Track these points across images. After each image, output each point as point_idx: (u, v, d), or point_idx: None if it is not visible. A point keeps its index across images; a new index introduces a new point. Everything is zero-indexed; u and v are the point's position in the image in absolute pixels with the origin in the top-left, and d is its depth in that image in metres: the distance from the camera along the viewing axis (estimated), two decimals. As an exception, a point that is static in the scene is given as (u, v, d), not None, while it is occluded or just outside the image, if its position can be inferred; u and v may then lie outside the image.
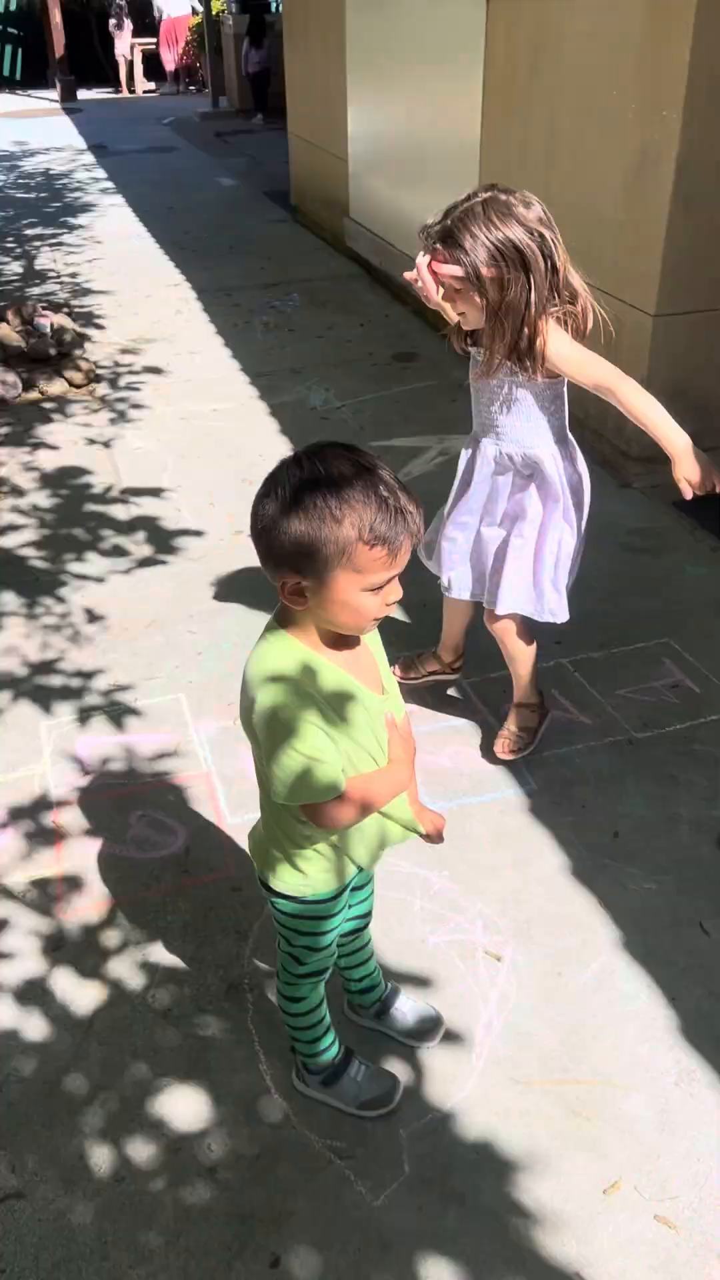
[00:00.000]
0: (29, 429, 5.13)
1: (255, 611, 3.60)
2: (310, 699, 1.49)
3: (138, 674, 3.33)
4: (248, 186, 10.41)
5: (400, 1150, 1.94)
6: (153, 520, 4.26)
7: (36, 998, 2.27)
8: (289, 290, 7.11)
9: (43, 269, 7.78)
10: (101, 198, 10.10)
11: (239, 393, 5.50)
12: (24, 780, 2.90)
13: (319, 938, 1.79)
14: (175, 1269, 1.77)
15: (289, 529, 1.40)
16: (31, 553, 4.03)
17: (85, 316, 6.66)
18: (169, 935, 2.41)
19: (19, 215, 9.47)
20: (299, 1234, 1.82)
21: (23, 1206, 1.88)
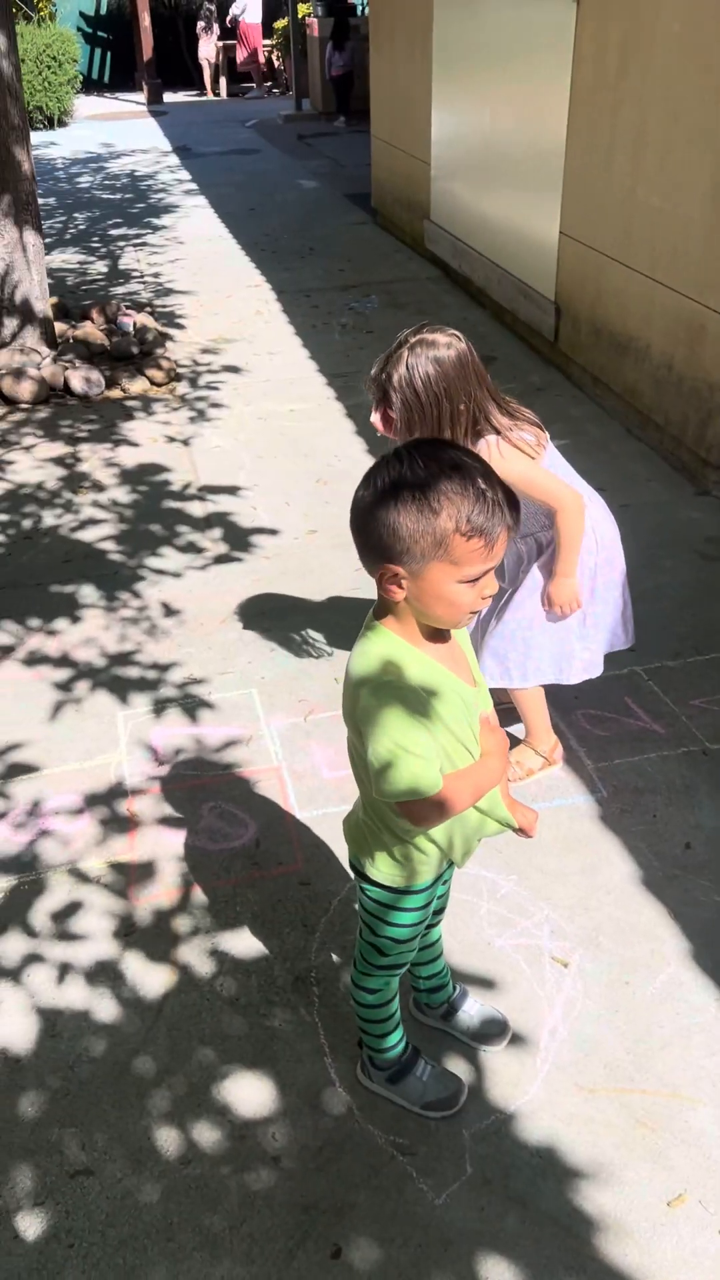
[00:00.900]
0: (111, 426, 5.23)
1: (327, 610, 3.63)
2: (410, 694, 1.51)
3: (212, 668, 3.38)
4: (329, 188, 10.47)
5: (463, 1150, 1.94)
6: (229, 518, 4.31)
7: (108, 980, 2.32)
8: (368, 292, 7.15)
9: (127, 269, 7.92)
10: (185, 199, 10.24)
11: (316, 393, 5.54)
12: (100, 768, 2.96)
13: (405, 929, 1.81)
14: (238, 1254, 1.80)
15: (387, 521, 1.43)
16: (111, 547, 4.11)
17: (167, 316, 6.76)
18: (238, 925, 2.45)
19: (105, 216, 9.64)
20: (360, 1227, 1.83)
21: (91, 1183, 1.92)
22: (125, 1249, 1.82)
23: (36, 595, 3.81)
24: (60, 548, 4.12)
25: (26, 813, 2.80)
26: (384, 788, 1.53)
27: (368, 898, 1.80)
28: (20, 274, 5.58)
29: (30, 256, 5.59)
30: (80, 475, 4.71)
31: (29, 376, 5.45)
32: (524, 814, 1.77)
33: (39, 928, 2.46)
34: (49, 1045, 2.18)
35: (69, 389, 5.55)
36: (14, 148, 5.34)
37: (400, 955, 1.86)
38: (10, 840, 2.72)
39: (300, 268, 7.76)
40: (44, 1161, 1.96)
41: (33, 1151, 1.98)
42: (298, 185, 10.69)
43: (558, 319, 5.57)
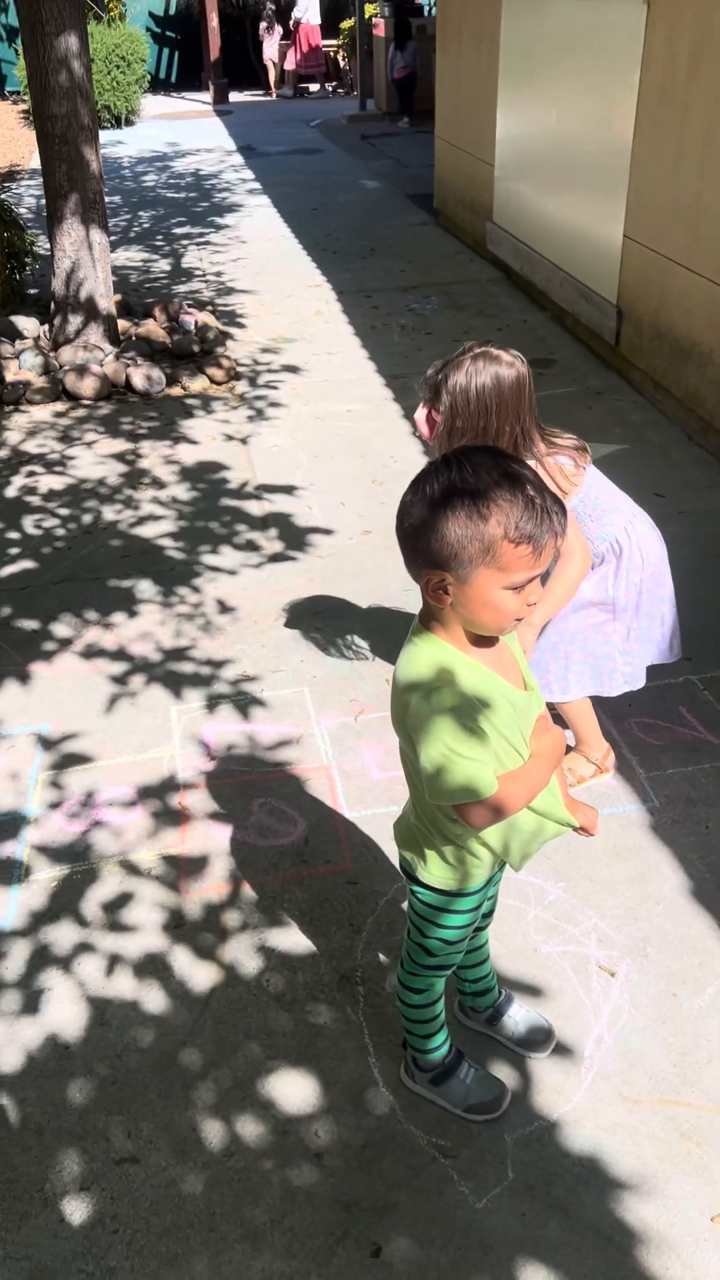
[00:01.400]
0: (171, 423, 5.29)
1: (380, 610, 3.64)
2: (459, 700, 1.51)
3: (264, 666, 3.41)
4: (391, 189, 10.48)
5: (505, 1155, 1.94)
6: (285, 517, 4.34)
7: (157, 972, 2.36)
8: (428, 293, 7.14)
9: (189, 267, 7.99)
10: (248, 198, 10.31)
11: (374, 394, 5.55)
12: (153, 761, 3.00)
13: (454, 931, 1.81)
14: (279, 1247, 1.82)
15: (435, 526, 1.43)
16: (169, 543, 4.16)
17: (228, 315, 6.82)
18: (285, 922, 2.47)
19: (169, 214, 9.74)
20: (401, 1227, 1.84)
21: (136, 1171, 1.95)
22: (168, 1237, 1.84)
23: (95, 589, 3.86)
24: (119, 543, 4.18)
25: (81, 803, 2.85)
26: (437, 792, 1.54)
27: (418, 900, 1.80)
28: (86, 271, 5.67)
29: (96, 254, 5.67)
30: (140, 472, 4.77)
31: (92, 373, 5.53)
32: (584, 813, 1.76)
33: (90, 917, 2.50)
34: (98, 1033, 2.22)
35: (130, 386, 5.62)
36: (83, 147, 5.42)
37: (448, 957, 1.87)
38: (64, 830, 2.76)
39: (361, 268, 7.78)
40: (91, 1148, 1.99)
41: (80, 1137, 2.01)
42: (360, 185, 10.71)
43: (619, 323, 5.53)
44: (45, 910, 2.52)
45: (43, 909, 2.53)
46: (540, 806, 1.67)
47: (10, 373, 5.63)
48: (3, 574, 3.98)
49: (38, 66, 5.24)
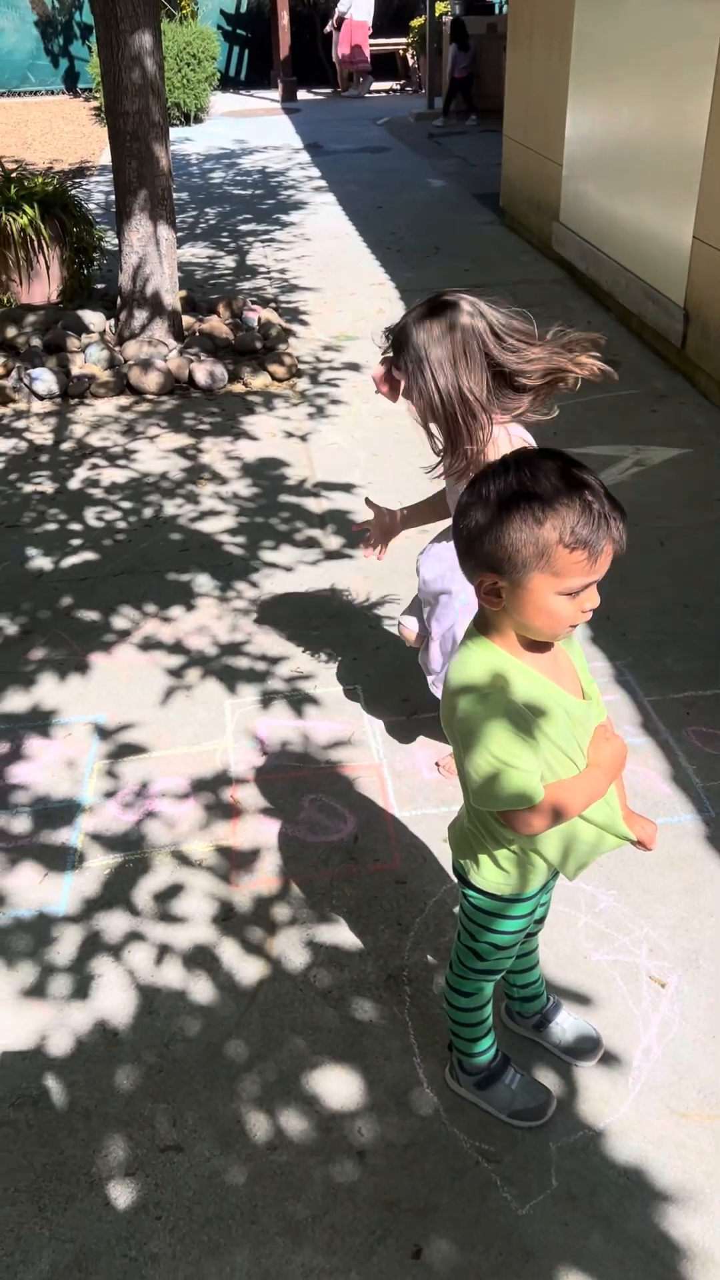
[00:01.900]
0: (232, 419, 5.33)
1: (437, 611, 3.63)
2: (509, 706, 1.50)
3: (319, 663, 3.42)
4: (457, 188, 10.44)
5: (549, 1163, 1.93)
6: (342, 514, 4.35)
7: (205, 963, 2.37)
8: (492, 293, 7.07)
9: (254, 264, 8.04)
10: (314, 196, 10.34)
11: (435, 393, 5.53)
12: (207, 754, 3.03)
13: (505, 936, 1.80)
14: (320, 1243, 1.82)
15: (490, 529, 1.42)
16: (228, 539, 4.19)
17: (291, 312, 6.85)
18: (333, 919, 2.47)
19: (235, 211, 9.80)
20: (442, 1229, 1.83)
21: (181, 1159, 1.97)
22: (210, 1227, 1.86)
23: (154, 582, 3.90)
24: (179, 537, 4.22)
25: (135, 793, 2.88)
26: (483, 798, 1.53)
27: (469, 903, 1.79)
28: (152, 267, 5.73)
29: (163, 250, 5.72)
30: (200, 467, 4.81)
31: (156, 368, 5.58)
32: (642, 826, 1.74)
33: (141, 906, 2.53)
34: (146, 1022, 2.24)
35: (193, 381, 5.66)
36: (154, 144, 5.47)
37: (498, 962, 1.86)
38: (118, 819, 2.80)
39: (425, 267, 7.76)
40: (136, 1134, 2.02)
41: (126, 1123, 2.04)
42: (426, 184, 10.68)
43: (686, 325, 5.45)
44: (98, 897, 2.56)
45: (95, 896, 2.56)
46: (599, 819, 1.65)
47: (76, 366, 5.70)
48: (64, 565, 4.04)
49: (111, 63, 5.30)
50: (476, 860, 1.73)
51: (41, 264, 6.62)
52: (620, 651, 3.36)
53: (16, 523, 4.37)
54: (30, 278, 6.67)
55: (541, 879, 1.74)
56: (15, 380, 5.61)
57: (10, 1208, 1.90)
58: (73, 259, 6.81)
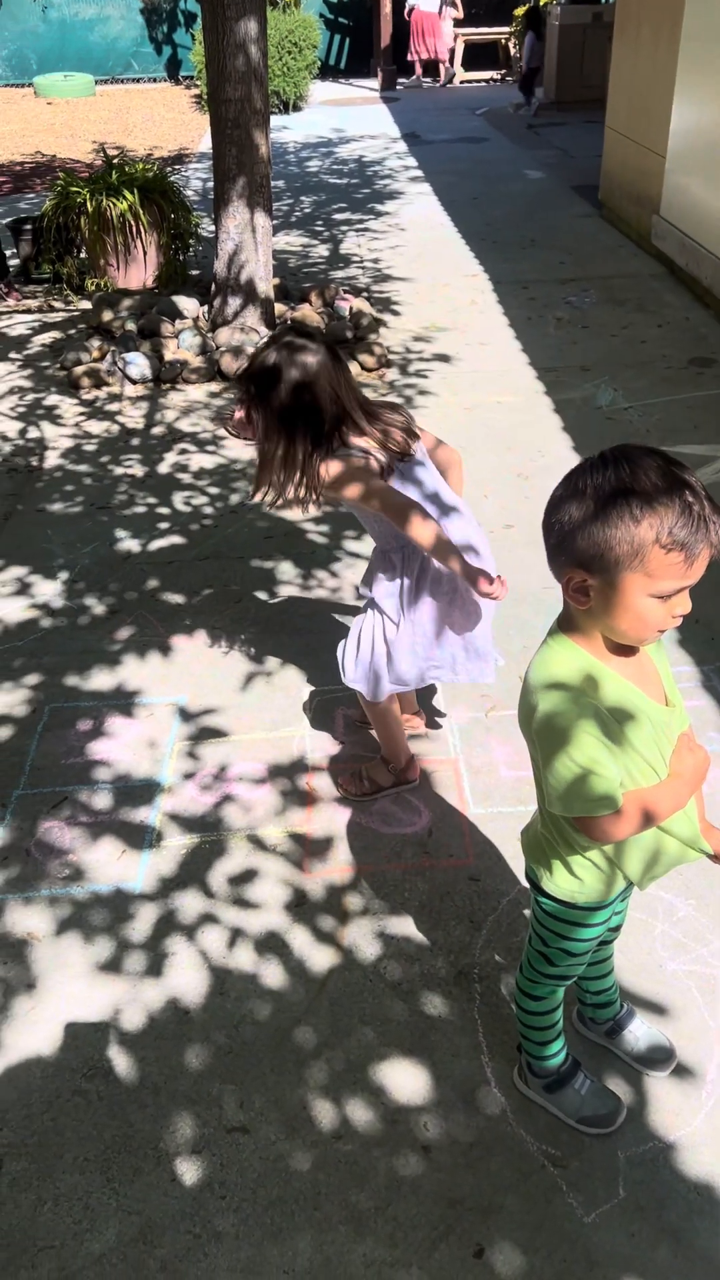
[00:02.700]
0: (320, 407, 5.33)
1: (518, 606, 3.59)
2: (591, 709, 1.46)
3: (398, 654, 3.40)
4: (555, 179, 10.29)
5: (617, 1172, 1.90)
6: (428, 506, 4.32)
7: (276, 948, 2.39)
8: (586, 286, 7.00)
9: (347, 253, 8.03)
10: (409, 186, 10.29)
11: (524, 386, 5.47)
12: (284, 740, 3.04)
13: (578, 944, 1.78)
14: (382, 1235, 1.82)
15: (583, 524, 1.37)
16: (311, 527, 4.20)
17: (383, 302, 6.83)
18: (404, 912, 2.47)
19: (330, 200, 9.81)
20: (506, 1231, 1.82)
21: (246, 1141, 1.99)
22: (274, 1210, 1.87)
23: (238, 567, 3.93)
24: (263, 524, 4.24)
25: (213, 775, 2.91)
26: (559, 803, 1.50)
27: (542, 910, 1.77)
28: (248, 254, 5.76)
29: (259, 238, 5.75)
30: (287, 454, 4.82)
31: (247, 355, 5.62)
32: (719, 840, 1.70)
33: (215, 888, 2.55)
34: (217, 1002, 2.26)
35: (283, 369, 5.68)
36: (254, 132, 5.50)
37: (570, 968, 1.83)
38: (196, 800, 2.83)
39: (519, 259, 7.67)
40: (204, 1113, 2.04)
41: (194, 1102, 2.06)
42: (523, 175, 10.55)
43: (789, 324, 5.29)
44: (174, 877, 2.59)
45: (171, 875, 2.60)
46: (685, 834, 1.61)
47: (169, 352, 5.77)
48: (152, 548, 4.09)
49: (216, 50, 5.34)
50: (550, 866, 1.70)
51: (139, 249, 6.71)
52: (709, 656, 3.29)
53: (107, 504, 4.44)
54: (128, 263, 6.76)
55: (618, 888, 1.71)
56: (110, 364, 5.70)
57: (80, 1176, 1.94)
58: (169, 245, 6.89)
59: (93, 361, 5.76)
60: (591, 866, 1.66)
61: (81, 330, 6.32)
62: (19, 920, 2.49)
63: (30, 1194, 1.91)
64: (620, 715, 1.49)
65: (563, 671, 1.49)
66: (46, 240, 6.90)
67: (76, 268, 7.02)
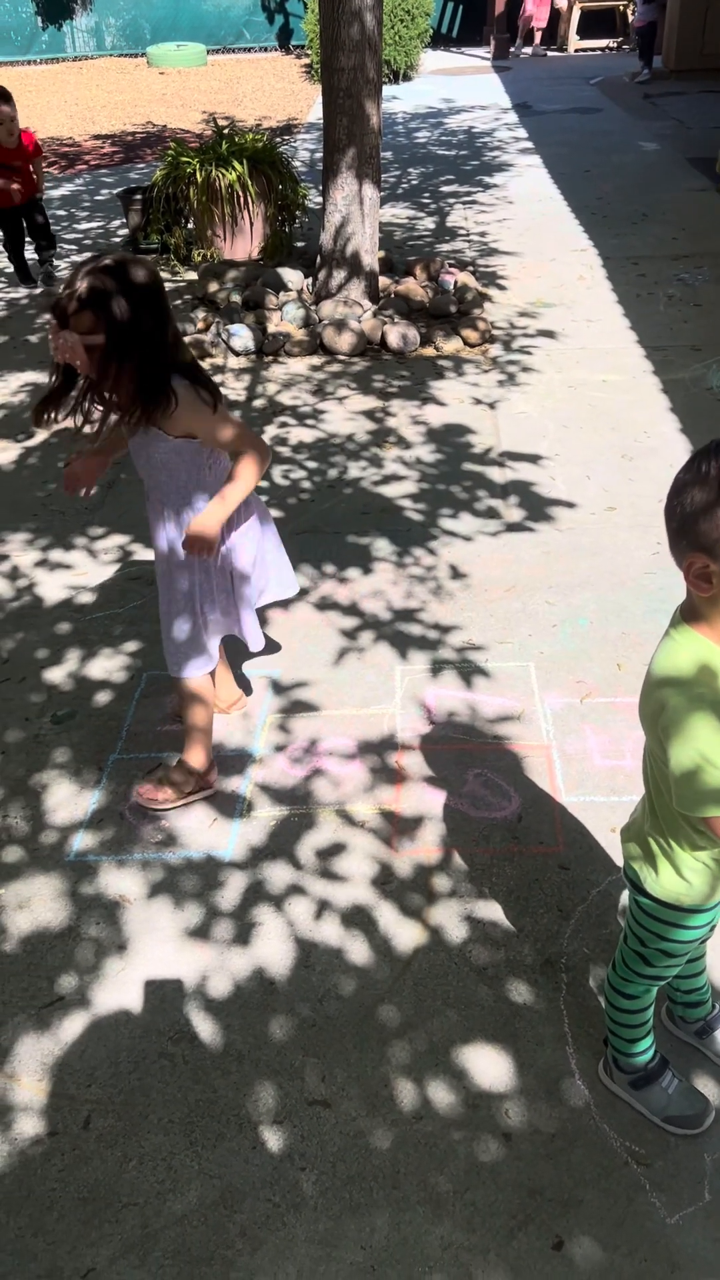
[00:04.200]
0: (421, 383, 5.28)
1: (618, 591, 3.52)
2: (717, 703, 1.42)
3: (491, 636, 3.37)
4: (671, 151, 9.98)
5: (703, 1175, 1.86)
6: (526, 486, 4.26)
7: (362, 924, 2.39)
8: (700, 263, 6.78)
9: (454, 226, 7.92)
10: (519, 158, 10.10)
11: (632, 365, 5.34)
12: (375, 717, 3.04)
13: (678, 945, 1.73)
14: (459, 1219, 1.82)
15: (707, 508, 1.34)
16: (408, 504, 4.17)
17: (488, 276, 6.72)
18: (492, 896, 2.44)
19: (438, 171, 9.68)
20: (586, 1225, 1.80)
21: (328, 1115, 2.00)
22: (353, 1185, 1.88)
23: (334, 543, 3.93)
24: (360, 499, 4.23)
25: (304, 749, 2.92)
26: (685, 799, 1.46)
27: (641, 910, 1.73)
28: (354, 227, 5.72)
29: (366, 210, 5.70)
30: (387, 430, 4.80)
31: (350, 329, 5.59)
32: None
33: (304, 861, 2.57)
34: (302, 975, 2.28)
35: (385, 344, 5.64)
36: (365, 101, 5.44)
37: (666, 969, 1.79)
38: (287, 773, 2.84)
39: (630, 234, 7.47)
40: (286, 1084, 2.06)
41: (277, 1072, 2.08)
42: (637, 147, 10.26)
43: None
44: (263, 847, 2.61)
45: (261, 845, 2.62)
46: None
47: (273, 324, 5.78)
48: (249, 519, 4.11)
49: (330, 18, 5.29)
50: (655, 866, 1.66)
51: (246, 220, 6.72)
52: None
53: (206, 475, 4.47)
54: (234, 234, 6.78)
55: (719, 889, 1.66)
56: (214, 335, 5.73)
57: (163, 1137, 1.98)
58: (276, 216, 6.88)
59: (197, 333, 5.80)
60: (703, 869, 1.61)
61: (187, 301, 6.36)
62: (112, 882, 2.54)
63: (116, 1150, 1.96)
64: None
65: (689, 662, 1.45)
66: (155, 211, 6.95)
67: (184, 239, 7.07)
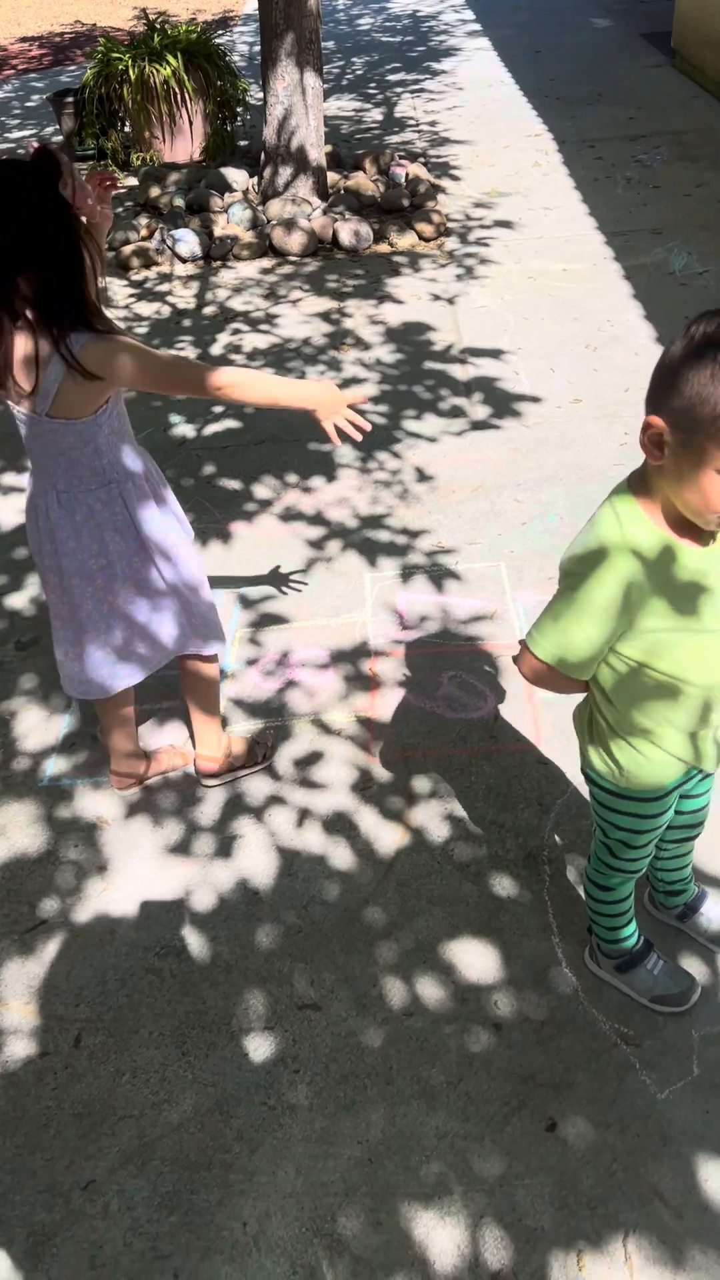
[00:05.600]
0: (377, 281, 5.12)
1: (586, 485, 3.46)
2: (626, 575, 1.38)
3: (461, 537, 3.31)
4: (624, 28, 9.61)
5: (691, 1051, 1.88)
6: (490, 382, 4.16)
7: (344, 830, 2.38)
8: (657, 143, 6.57)
9: (402, 116, 7.63)
10: (467, 41, 9.70)
11: (592, 253, 5.19)
12: (346, 626, 2.99)
13: (636, 835, 1.72)
14: (454, 1109, 1.84)
15: (679, 371, 1.25)
16: (370, 407, 4.06)
17: (441, 167, 6.49)
18: (472, 795, 2.44)
19: (383, 60, 9.29)
20: (578, 1106, 1.82)
21: (318, 1018, 2.01)
22: (347, 1084, 1.89)
23: (295, 451, 3.84)
24: (320, 404, 4.11)
25: (275, 662, 2.88)
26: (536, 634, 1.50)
27: (596, 800, 1.74)
28: (298, 119, 5.48)
29: (309, 101, 5.46)
30: (344, 332, 4.66)
31: (299, 228, 5.39)
32: None
33: (282, 772, 2.54)
34: (286, 883, 2.27)
35: (337, 242, 5.46)
36: (301, -18, 5.16)
37: (631, 861, 1.78)
38: (260, 687, 2.81)
39: (584, 115, 7.22)
40: (275, 990, 2.06)
41: (265, 979, 2.08)
42: (589, 24, 9.86)
43: None
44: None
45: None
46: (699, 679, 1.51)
47: (219, 227, 5.56)
48: (207, 432, 4.00)
49: None
50: (587, 745, 1.68)
51: (185, 119, 6.43)
52: None
53: (160, 388, 4.34)
54: (174, 135, 6.50)
55: (659, 775, 1.62)
56: (158, 242, 5.52)
57: (155, 1050, 1.98)
58: (216, 114, 6.59)
59: (141, 240, 5.58)
60: (633, 752, 1.60)
61: (129, 208, 6.11)
62: (89, 805, 2.51)
63: (109, 1066, 1.96)
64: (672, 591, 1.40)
65: (615, 531, 1.39)
66: (89, 113, 6.64)
67: (121, 142, 6.76)
